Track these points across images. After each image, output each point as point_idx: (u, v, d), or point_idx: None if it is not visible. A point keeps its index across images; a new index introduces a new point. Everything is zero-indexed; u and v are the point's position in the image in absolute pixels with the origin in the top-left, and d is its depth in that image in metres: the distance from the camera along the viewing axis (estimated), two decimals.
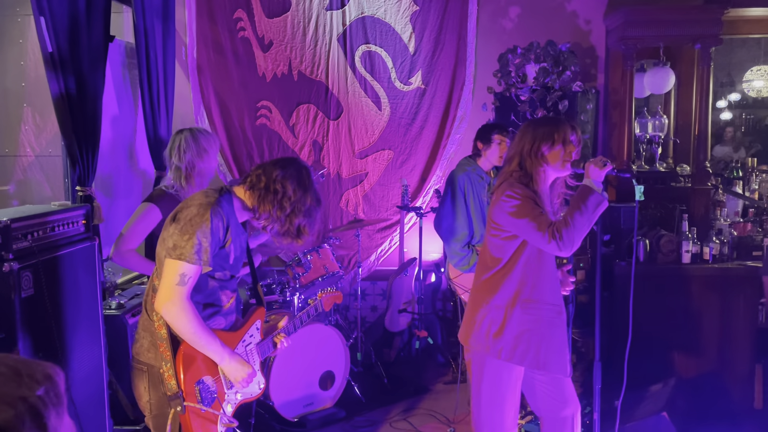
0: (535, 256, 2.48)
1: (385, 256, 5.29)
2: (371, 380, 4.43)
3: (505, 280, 2.49)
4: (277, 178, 2.13)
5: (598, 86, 4.93)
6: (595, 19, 4.96)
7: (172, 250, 2.03)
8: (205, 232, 2.03)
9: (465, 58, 5.08)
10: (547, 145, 2.46)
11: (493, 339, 2.48)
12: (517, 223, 2.42)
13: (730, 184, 4.59)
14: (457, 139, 5.15)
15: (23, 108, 4.32)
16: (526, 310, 2.46)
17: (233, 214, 2.16)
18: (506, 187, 2.47)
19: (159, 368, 2.11)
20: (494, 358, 2.49)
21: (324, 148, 5.21)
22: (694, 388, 3.87)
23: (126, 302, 3.41)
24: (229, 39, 5.11)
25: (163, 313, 2.05)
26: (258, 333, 2.36)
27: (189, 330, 2.05)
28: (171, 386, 2.07)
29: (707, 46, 4.28)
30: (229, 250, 2.15)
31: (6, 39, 4.29)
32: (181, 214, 2.07)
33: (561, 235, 2.32)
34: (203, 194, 2.12)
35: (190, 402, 2.08)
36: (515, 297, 2.47)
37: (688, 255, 4.05)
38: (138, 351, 2.18)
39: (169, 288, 2.02)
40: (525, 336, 2.46)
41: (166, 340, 2.08)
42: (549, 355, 2.47)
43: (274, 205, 2.13)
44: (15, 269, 2.32)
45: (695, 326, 3.97)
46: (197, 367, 2.13)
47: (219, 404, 2.19)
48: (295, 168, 2.18)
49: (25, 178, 4.36)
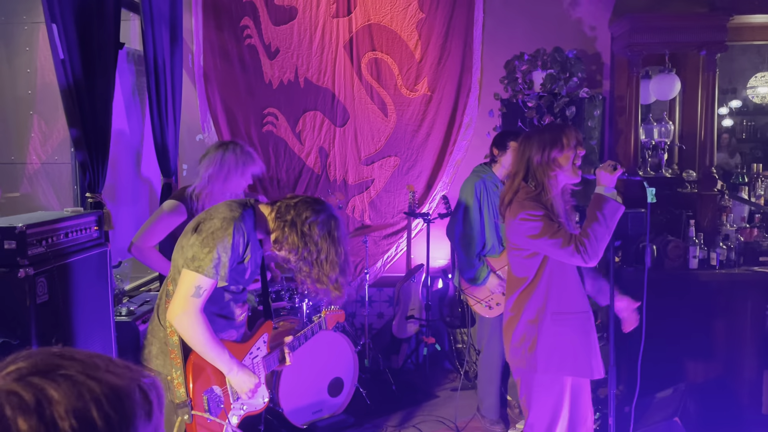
0: (558, 269, 2.51)
1: (391, 263, 5.29)
2: (379, 387, 4.42)
3: (532, 295, 2.53)
4: (306, 219, 2.08)
5: (603, 93, 4.94)
6: (600, 25, 4.99)
7: (191, 261, 2.02)
8: (226, 247, 2.02)
9: (471, 65, 5.10)
10: (557, 149, 2.47)
11: (529, 354, 2.52)
12: (538, 244, 2.44)
13: (736, 190, 4.60)
14: (463, 145, 5.16)
15: (30, 116, 4.32)
16: (556, 322, 2.50)
17: (253, 231, 2.15)
18: (518, 208, 2.47)
19: (167, 375, 2.11)
20: (535, 373, 2.53)
21: (330, 155, 5.22)
22: (703, 394, 3.86)
23: (136, 309, 3.40)
24: (236, 46, 5.13)
25: (175, 324, 2.05)
26: (264, 346, 2.36)
27: (200, 341, 2.05)
28: (180, 394, 2.06)
29: (713, 53, 4.30)
30: (247, 266, 2.15)
31: (13, 47, 4.30)
32: (203, 225, 2.06)
33: (585, 248, 2.35)
34: (228, 207, 2.10)
35: (198, 411, 2.07)
36: (544, 310, 2.51)
37: (695, 261, 4.06)
38: (146, 357, 2.18)
39: (184, 299, 2.02)
40: (559, 346, 2.49)
41: (178, 347, 2.08)
42: (587, 359, 2.51)
43: (299, 241, 2.08)
44: (30, 275, 2.32)
45: (703, 332, 3.97)
46: (206, 377, 2.13)
47: (225, 415, 2.19)
48: (326, 215, 2.12)
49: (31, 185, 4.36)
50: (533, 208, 2.43)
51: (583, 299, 2.55)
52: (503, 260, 3.67)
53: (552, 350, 2.50)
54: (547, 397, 2.56)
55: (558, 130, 2.52)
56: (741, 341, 3.96)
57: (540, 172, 2.49)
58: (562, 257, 2.42)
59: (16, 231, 2.29)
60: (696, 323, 3.96)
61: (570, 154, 2.47)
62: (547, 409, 2.57)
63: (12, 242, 2.31)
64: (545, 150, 2.48)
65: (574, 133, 2.51)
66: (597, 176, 2.46)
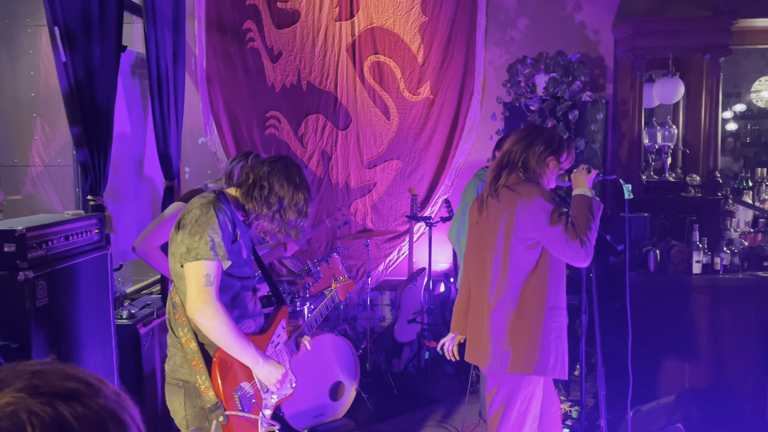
0: (555, 262, 2.48)
1: (393, 266, 5.28)
2: (381, 391, 4.40)
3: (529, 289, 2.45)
4: (264, 174, 2.14)
5: (606, 96, 4.93)
6: (603, 29, 4.98)
7: (187, 254, 2.00)
8: (214, 228, 2.02)
9: (474, 68, 5.09)
10: (556, 154, 2.52)
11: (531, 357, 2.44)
12: (547, 232, 2.36)
13: (740, 194, 4.58)
14: (465, 149, 5.15)
15: (33, 118, 4.33)
16: (553, 318, 2.46)
17: (233, 212, 2.16)
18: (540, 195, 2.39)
19: (194, 383, 2.08)
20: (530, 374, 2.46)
21: (332, 158, 5.22)
22: (706, 400, 3.84)
23: (137, 312, 3.40)
24: (239, 50, 5.13)
25: (198, 318, 1.99)
26: (284, 332, 2.34)
27: (224, 332, 2.00)
28: (209, 398, 2.03)
29: (716, 57, 4.29)
30: (241, 244, 2.14)
31: (16, 50, 4.31)
32: (185, 220, 2.06)
33: (588, 246, 2.33)
34: (200, 197, 2.13)
35: (231, 411, 2.05)
36: (545, 304, 2.44)
37: (698, 265, 4.04)
38: (172, 368, 2.15)
39: (198, 291, 1.98)
40: (553, 346, 2.45)
41: (197, 353, 2.06)
42: (564, 359, 2.50)
43: (260, 200, 2.13)
44: (30, 278, 2.32)
45: (706, 337, 3.95)
46: (234, 375, 2.10)
47: (258, 408, 2.17)
48: (282, 164, 2.18)
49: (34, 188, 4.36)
50: (548, 198, 2.39)
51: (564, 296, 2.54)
52: None
53: (548, 351, 2.44)
54: (525, 397, 2.51)
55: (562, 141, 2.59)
56: (745, 347, 3.93)
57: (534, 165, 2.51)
58: (564, 252, 2.36)
59: (15, 234, 2.29)
60: (699, 328, 3.94)
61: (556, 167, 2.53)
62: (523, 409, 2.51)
63: (12, 245, 2.30)
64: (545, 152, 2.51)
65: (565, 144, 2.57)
66: (573, 180, 2.48)
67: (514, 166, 2.51)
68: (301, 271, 4.03)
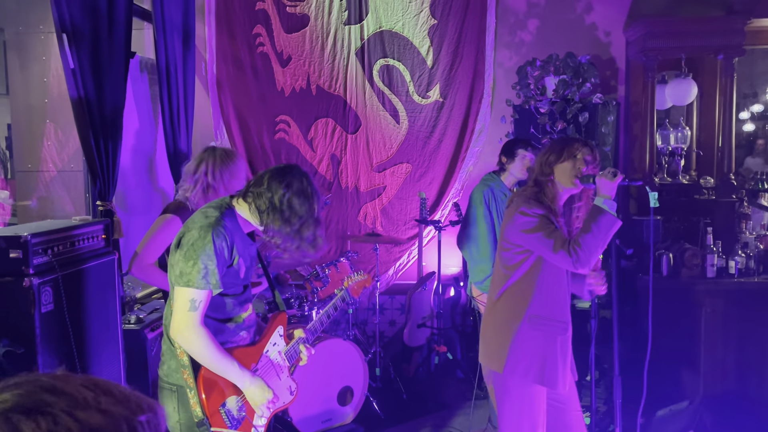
0: (548, 272, 2.48)
1: (403, 270, 5.26)
2: (390, 396, 4.38)
3: (515, 293, 2.50)
4: (283, 197, 2.07)
5: (618, 98, 4.88)
6: (614, 31, 4.93)
7: (180, 278, 2.02)
8: (209, 255, 2.00)
9: (483, 71, 5.06)
10: (555, 156, 2.52)
11: (500, 353, 2.50)
12: (530, 240, 2.45)
13: (755, 197, 4.50)
14: (475, 152, 5.12)
15: (46, 124, 4.38)
16: (534, 326, 2.47)
17: (238, 229, 2.12)
18: (519, 203, 2.51)
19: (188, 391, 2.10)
20: (501, 375, 2.50)
21: (342, 162, 5.21)
22: (720, 406, 3.77)
23: (145, 317, 3.41)
24: (248, 54, 5.15)
25: (178, 341, 2.05)
26: (282, 339, 2.32)
27: (206, 355, 2.04)
28: (197, 413, 2.05)
29: (730, 57, 4.22)
30: (239, 266, 2.13)
31: (30, 56, 4.36)
32: (183, 239, 2.05)
33: (577, 256, 2.34)
34: (203, 215, 2.08)
35: (216, 427, 2.06)
36: (524, 312, 2.48)
37: (713, 269, 3.97)
38: (167, 373, 2.16)
39: (182, 315, 2.02)
40: (529, 351, 2.47)
41: (189, 367, 2.07)
42: (554, 371, 2.47)
43: (283, 222, 2.08)
44: (35, 284, 2.33)
45: (721, 342, 3.88)
46: (219, 390, 2.11)
47: (249, 422, 2.16)
48: (297, 181, 2.12)
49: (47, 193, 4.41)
50: (533, 205, 2.47)
51: (565, 310, 2.52)
52: None
53: (521, 354, 2.46)
54: (516, 401, 2.50)
55: (563, 141, 2.59)
56: (760, 352, 3.86)
57: (540, 176, 2.55)
58: (553, 258, 2.42)
59: (20, 240, 2.31)
60: (713, 333, 3.87)
61: (567, 165, 2.50)
62: (517, 416, 2.50)
63: (17, 251, 2.32)
64: (545, 156, 2.55)
65: (581, 146, 2.52)
66: (597, 184, 2.45)
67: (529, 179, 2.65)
68: (310, 275, 4.03)
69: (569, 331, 2.53)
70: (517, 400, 2.50)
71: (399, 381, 4.44)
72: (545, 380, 2.46)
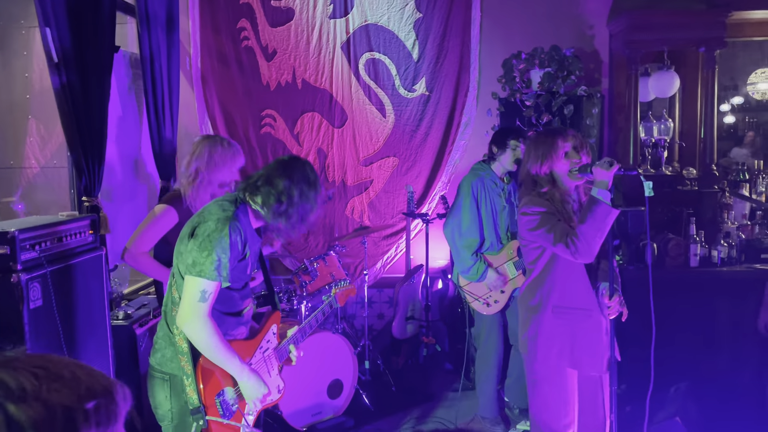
0: (563, 264, 2.57)
1: (391, 264, 5.27)
2: (379, 388, 4.40)
3: (539, 286, 2.63)
4: (285, 189, 2.11)
5: (602, 91, 4.92)
6: (598, 23, 4.96)
7: (192, 267, 2.02)
8: (224, 248, 2.02)
9: (469, 64, 5.08)
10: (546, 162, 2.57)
11: (532, 342, 2.64)
12: (536, 236, 2.57)
13: (736, 187, 4.57)
14: (462, 145, 5.14)
15: (28, 120, 4.33)
16: (557, 315, 2.59)
17: (249, 225, 2.16)
18: (525, 202, 2.63)
19: (182, 377, 2.11)
20: (534, 362, 2.63)
21: (329, 156, 5.21)
22: (705, 393, 3.83)
23: (133, 312, 3.39)
24: (233, 48, 5.12)
25: (185, 330, 2.05)
26: (275, 338, 2.36)
27: (210, 346, 2.05)
28: (192, 400, 2.07)
29: (711, 50, 4.28)
30: (248, 261, 2.16)
31: (11, 51, 4.30)
32: (199, 229, 2.05)
33: (576, 246, 2.43)
34: (219, 207, 2.10)
35: (211, 416, 2.07)
36: (547, 302, 2.60)
37: (696, 258, 4.03)
38: (160, 362, 2.16)
39: (191, 305, 2.02)
40: (557, 338, 2.59)
41: (187, 354, 2.08)
42: (581, 354, 2.58)
43: (290, 215, 2.12)
44: (23, 280, 2.32)
45: (704, 330, 3.94)
46: (216, 380, 2.12)
47: (240, 414, 2.18)
48: (300, 171, 2.15)
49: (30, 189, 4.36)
50: (535, 204, 2.57)
51: (588, 297, 2.60)
52: (501, 258, 3.65)
53: (551, 341, 2.59)
54: (549, 388, 2.63)
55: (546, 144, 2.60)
56: (742, 339, 3.93)
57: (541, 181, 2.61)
58: (557, 251, 2.52)
59: (8, 236, 2.29)
60: (697, 322, 3.94)
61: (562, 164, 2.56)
62: (550, 400, 2.63)
63: (5, 247, 2.30)
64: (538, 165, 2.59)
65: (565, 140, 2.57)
66: (594, 174, 2.47)
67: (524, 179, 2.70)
68: (298, 270, 4.03)
69: (594, 316, 2.59)
70: (548, 384, 2.63)
71: (388, 373, 4.46)
72: (576, 364, 2.58)
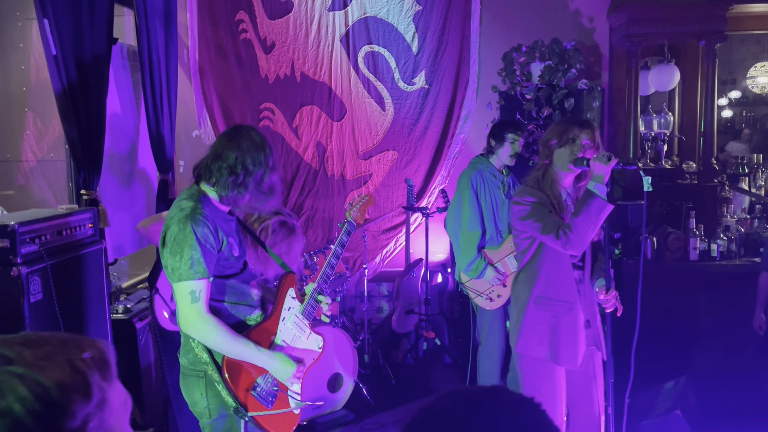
0: (550, 255, 2.56)
1: (390, 257, 5.26)
2: (379, 382, 4.40)
3: (525, 276, 2.63)
4: (237, 159, 2.06)
5: (602, 84, 4.91)
6: (598, 17, 4.95)
7: (172, 274, 2.02)
8: (192, 245, 1.99)
9: (469, 58, 5.06)
10: (554, 141, 2.55)
11: (514, 331, 2.65)
12: (526, 225, 2.56)
13: (736, 181, 4.58)
14: (461, 138, 5.13)
15: (25, 113, 4.29)
16: (539, 306, 2.58)
17: (216, 211, 2.11)
18: (518, 192, 2.63)
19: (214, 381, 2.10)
20: (519, 353, 2.62)
21: (328, 150, 5.19)
22: (705, 386, 3.84)
23: (133, 306, 3.38)
24: (231, 41, 5.09)
25: (191, 334, 2.05)
26: (295, 301, 2.27)
27: (220, 341, 2.04)
28: (230, 403, 2.06)
29: (712, 43, 4.27)
30: (230, 246, 2.12)
31: (7, 43, 4.27)
32: (166, 237, 2.04)
33: (567, 238, 2.41)
34: (177, 208, 2.07)
35: (253, 411, 2.07)
36: (530, 293, 2.59)
37: (695, 252, 4.04)
38: (192, 361, 2.13)
39: (186, 309, 2.02)
40: (538, 329, 2.58)
41: (210, 363, 2.07)
42: (559, 347, 2.56)
43: (242, 185, 2.07)
44: (23, 273, 2.30)
45: (704, 324, 3.95)
46: (246, 374, 2.10)
47: (284, 393, 2.17)
48: (246, 138, 2.10)
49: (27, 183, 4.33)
50: (527, 193, 2.56)
51: (570, 290, 2.58)
52: (502, 251, 3.64)
53: (532, 332, 2.59)
54: (535, 381, 2.62)
55: (563, 124, 2.61)
56: (742, 332, 3.93)
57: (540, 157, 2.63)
58: (546, 241, 2.52)
59: (7, 229, 2.27)
60: (696, 315, 3.94)
61: (566, 149, 2.53)
62: (535, 391, 2.59)
63: (5, 240, 2.28)
64: (547, 140, 2.60)
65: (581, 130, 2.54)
66: (591, 167, 2.46)
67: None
68: None
69: (575, 310, 2.58)
70: (533, 376, 2.61)
71: (388, 367, 4.45)
72: (554, 357, 2.56)
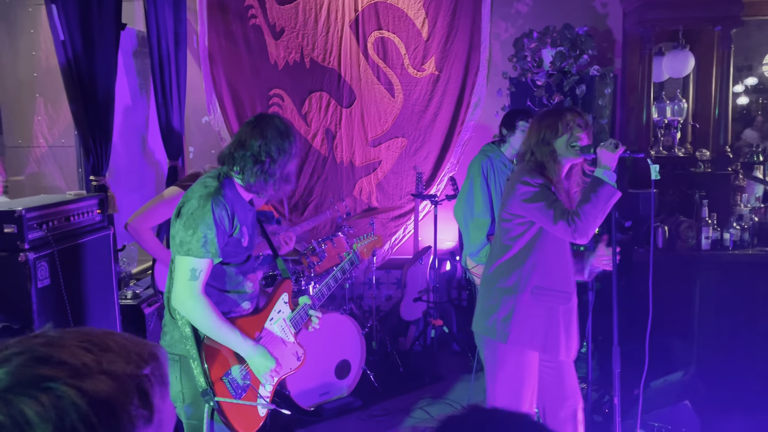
0: (549, 244, 2.50)
1: (399, 245, 5.25)
2: (387, 369, 4.40)
3: (517, 266, 2.51)
4: (261, 148, 2.08)
5: (615, 70, 4.84)
6: (611, 1, 4.87)
7: (180, 247, 2.02)
8: (209, 224, 2.00)
9: (479, 43, 5.00)
10: (551, 133, 2.50)
11: (502, 324, 2.52)
12: (531, 210, 2.46)
13: (750, 169, 4.50)
14: (471, 125, 5.09)
15: (36, 98, 4.30)
16: (537, 297, 2.50)
17: (238, 197, 2.13)
18: (521, 174, 2.52)
19: (190, 360, 2.10)
20: (504, 344, 2.52)
21: (337, 137, 5.17)
22: (715, 377, 3.81)
23: (142, 292, 3.39)
24: (241, 27, 5.07)
25: (180, 310, 2.05)
26: (287, 306, 2.32)
27: (207, 323, 2.04)
28: (200, 383, 2.06)
29: (728, 28, 4.19)
30: (241, 235, 2.13)
31: (17, 29, 4.27)
32: (183, 209, 2.05)
33: (576, 226, 2.36)
34: (202, 185, 2.09)
35: (221, 396, 2.07)
36: (526, 283, 2.50)
37: (707, 241, 3.98)
38: (169, 343, 2.16)
39: (183, 284, 2.02)
40: (533, 320, 2.50)
41: (191, 338, 2.07)
42: (556, 339, 2.51)
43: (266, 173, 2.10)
44: (31, 259, 2.31)
45: (715, 314, 3.90)
46: (222, 360, 2.11)
47: (254, 390, 2.17)
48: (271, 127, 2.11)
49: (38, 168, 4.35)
50: (534, 176, 2.48)
51: (569, 280, 2.55)
52: None
53: (525, 323, 2.49)
54: (512, 369, 2.55)
55: (554, 114, 2.56)
56: (754, 323, 3.89)
57: (539, 153, 2.53)
58: (553, 229, 2.43)
59: (14, 215, 2.27)
60: (708, 305, 3.90)
61: (566, 137, 2.49)
62: (512, 381, 2.55)
63: (12, 226, 2.29)
64: (540, 133, 2.53)
65: (573, 115, 2.51)
66: (598, 155, 2.44)
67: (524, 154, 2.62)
68: (306, 251, 4.01)
69: (572, 301, 2.55)
70: (514, 368, 2.54)
71: (395, 354, 4.46)
72: (548, 348, 2.50)
